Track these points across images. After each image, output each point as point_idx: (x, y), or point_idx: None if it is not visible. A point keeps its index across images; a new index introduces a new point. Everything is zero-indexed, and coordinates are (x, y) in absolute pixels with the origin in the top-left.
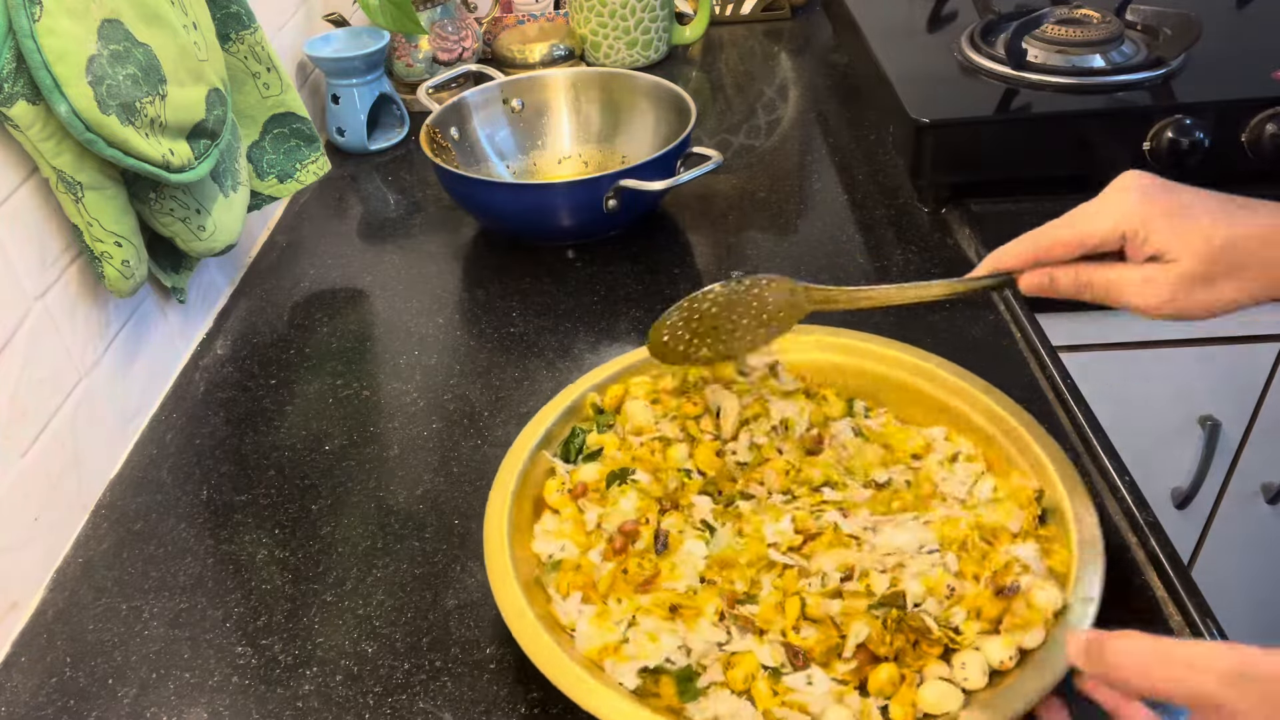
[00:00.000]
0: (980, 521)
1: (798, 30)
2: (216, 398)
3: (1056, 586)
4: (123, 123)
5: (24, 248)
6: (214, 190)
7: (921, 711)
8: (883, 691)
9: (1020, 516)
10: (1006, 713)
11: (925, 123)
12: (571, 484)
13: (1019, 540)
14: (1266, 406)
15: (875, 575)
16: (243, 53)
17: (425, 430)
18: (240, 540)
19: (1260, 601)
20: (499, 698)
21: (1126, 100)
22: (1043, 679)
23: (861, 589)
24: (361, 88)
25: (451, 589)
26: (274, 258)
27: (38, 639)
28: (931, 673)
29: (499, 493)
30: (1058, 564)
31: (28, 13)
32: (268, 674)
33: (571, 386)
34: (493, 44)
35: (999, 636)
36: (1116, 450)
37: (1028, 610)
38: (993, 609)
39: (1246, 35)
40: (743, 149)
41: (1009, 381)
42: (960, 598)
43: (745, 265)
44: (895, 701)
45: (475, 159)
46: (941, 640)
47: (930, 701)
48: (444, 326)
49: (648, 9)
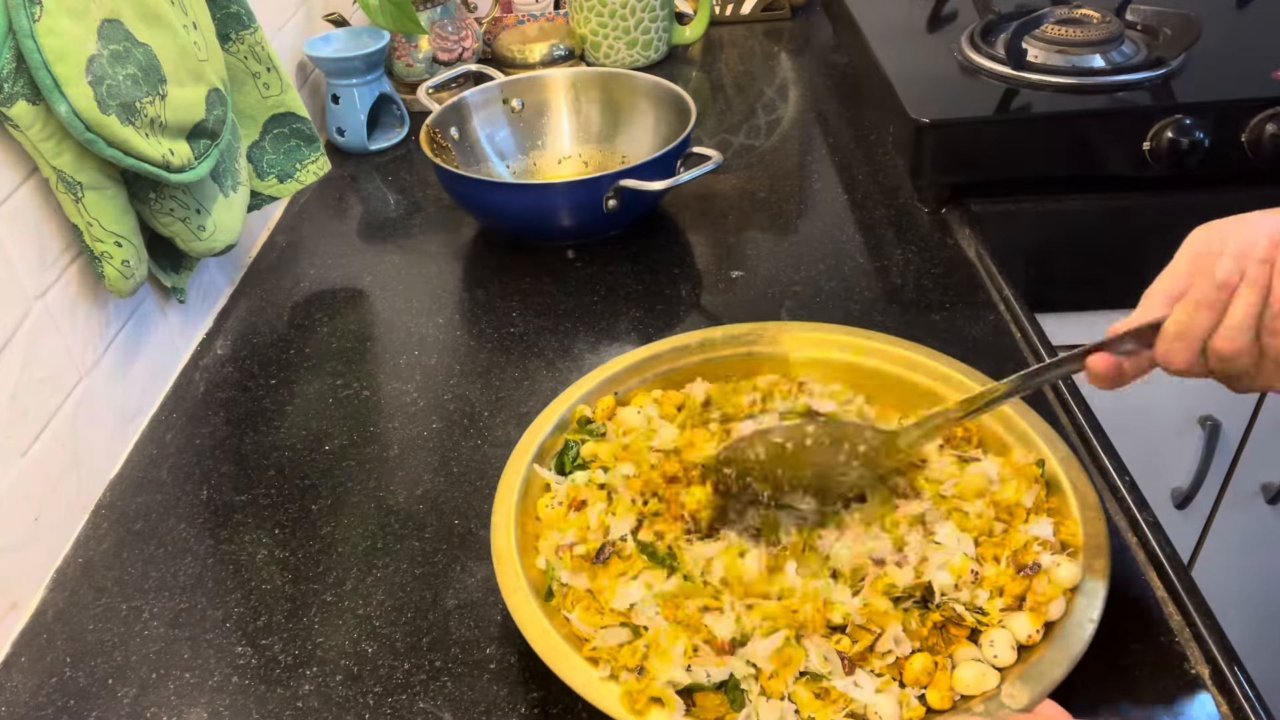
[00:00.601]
0: (996, 499)
1: (798, 30)
2: (216, 398)
3: (1073, 562)
4: (123, 123)
5: (24, 248)
6: (214, 190)
7: (958, 694)
8: (918, 681)
9: (1034, 491)
10: (1044, 683)
11: (925, 123)
12: (564, 498)
13: (1034, 516)
14: (1266, 406)
15: (893, 569)
16: (243, 53)
17: (425, 430)
18: (240, 540)
19: (1260, 601)
20: (499, 698)
21: (1126, 100)
22: (1069, 647)
23: (881, 586)
24: (361, 88)
25: (451, 589)
26: (274, 258)
27: (38, 639)
28: (962, 655)
29: (504, 499)
30: (1067, 535)
31: (28, 13)
32: (268, 674)
33: (574, 386)
34: (493, 44)
35: (1023, 613)
36: (1116, 450)
37: (1049, 586)
38: (1016, 587)
39: (1246, 35)
40: (743, 149)
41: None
42: (983, 579)
43: (745, 265)
44: (932, 689)
45: (475, 159)
46: (969, 624)
47: (967, 683)
48: (444, 326)
49: (648, 9)
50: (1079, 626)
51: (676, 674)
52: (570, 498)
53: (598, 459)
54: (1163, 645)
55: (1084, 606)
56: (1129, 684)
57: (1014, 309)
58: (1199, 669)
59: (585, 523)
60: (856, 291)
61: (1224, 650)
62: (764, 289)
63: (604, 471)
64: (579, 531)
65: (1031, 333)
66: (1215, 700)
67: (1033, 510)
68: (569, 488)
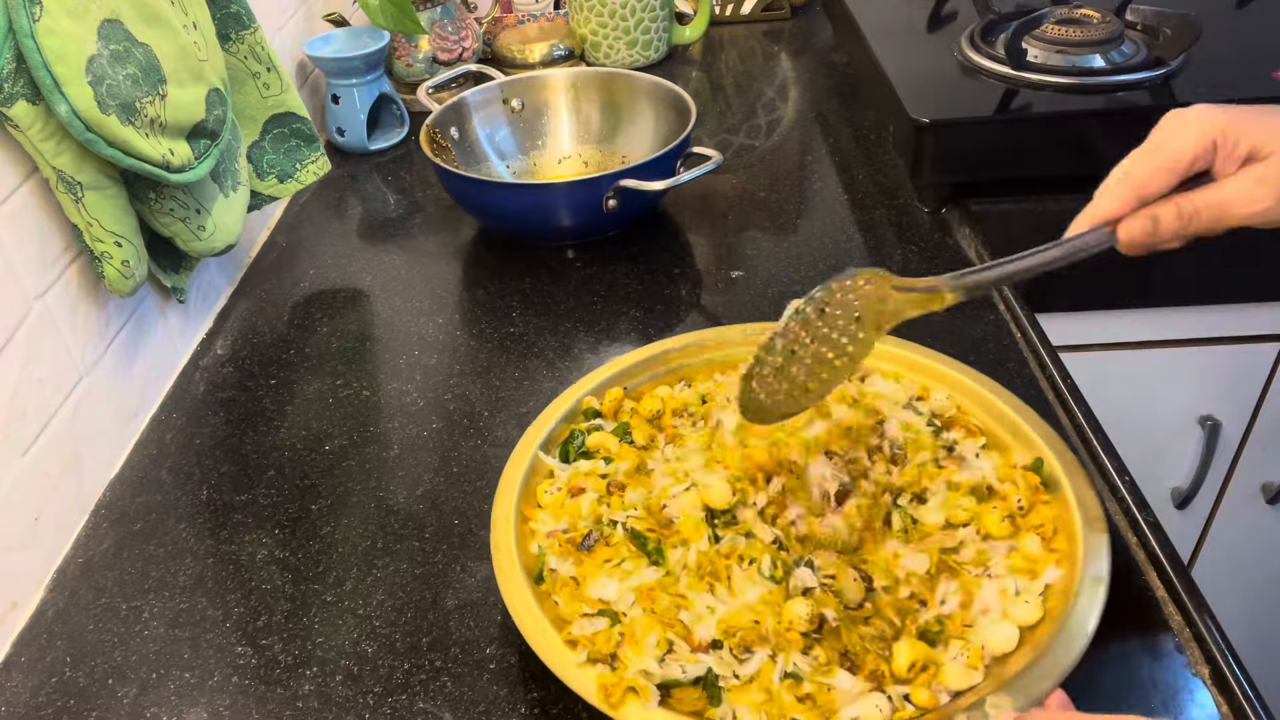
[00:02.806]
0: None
1: (798, 30)
2: (216, 398)
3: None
4: (123, 123)
5: (24, 248)
6: (214, 190)
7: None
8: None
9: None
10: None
11: (925, 123)
12: (564, 484)
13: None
14: (1266, 406)
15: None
16: (243, 53)
17: (425, 430)
18: (240, 540)
19: (1260, 601)
20: (499, 698)
21: (1126, 100)
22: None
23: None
24: (361, 88)
25: (451, 589)
26: (274, 258)
27: (38, 639)
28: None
29: (503, 499)
30: (1060, 544)
31: (28, 13)
32: (268, 674)
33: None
34: (493, 44)
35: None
36: (1116, 450)
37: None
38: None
39: (1246, 35)
40: (743, 149)
41: (1009, 381)
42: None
43: (745, 265)
44: (917, 686)
45: (475, 159)
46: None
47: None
48: (444, 326)
49: (648, 9)
50: (1071, 640)
51: (649, 665)
52: (570, 485)
53: (602, 449)
54: (1163, 645)
55: (1080, 619)
56: (1129, 683)
57: (1014, 309)
58: (1199, 669)
59: (578, 510)
60: None
61: (1224, 650)
62: (764, 289)
63: (606, 463)
64: (571, 518)
65: (1031, 333)
66: (1215, 700)
67: (1023, 519)
68: (571, 474)
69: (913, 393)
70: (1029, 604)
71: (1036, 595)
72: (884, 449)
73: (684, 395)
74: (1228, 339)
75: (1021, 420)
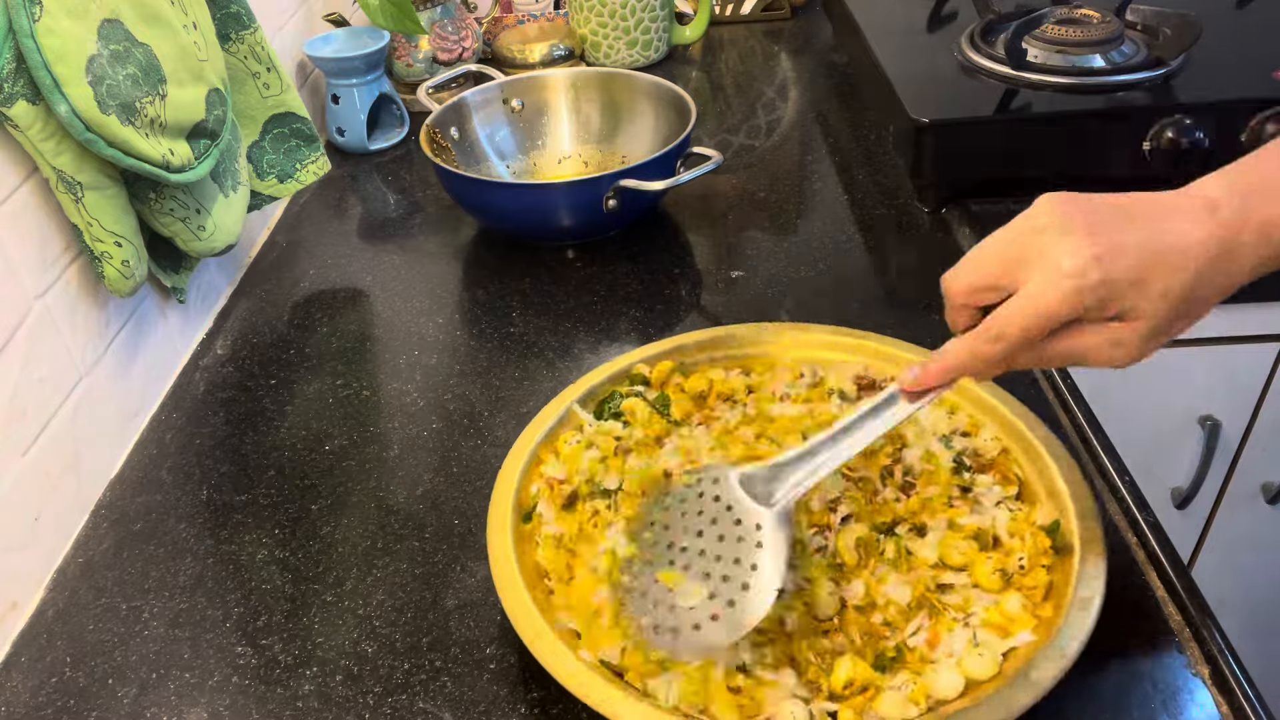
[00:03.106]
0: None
1: (798, 30)
2: (216, 398)
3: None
4: (123, 123)
5: (24, 248)
6: (214, 190)
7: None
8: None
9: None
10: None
11: (925, 123)
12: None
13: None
14: (1266, 406)
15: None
16: (243, 53)
17: (425, 430)
18: (240, 540)
19: (1260, 601)
20: (499, 698)
21: (1126, 100)
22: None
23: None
24: (361, 88)
25: (451, 589)
26: (274, 258)
27: (38, 639)
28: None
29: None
30: (1046, 611)
31: (28, 13)
32: (268, 674)
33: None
34: (493, 44)
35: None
36: (1116, 450)
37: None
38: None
39: (1246, 35)
40: (743, 149)
41: (1009, 381)
42: None
43: (745, 265)
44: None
45: (475, 159)
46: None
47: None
48: (444, 326)
49: (648, 9)
50: (1048, 661)
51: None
52: (588, 440)
53: (635, 414)
54: (1162, 645)
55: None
56: (1129, 683)
57: None
58: (1199, 669)
59: (578, 464)
60: (856, 291)
61: (1224, 650)
62: (764, 289)
63: (624, 426)
64: (570, 471)
65: None
66: (1215, 700)
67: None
68: (594, 431)
69: (959, 427)
70: (982, 658)
71: (998, 654)
72: (895, 475)
73: (733, 381)
74: (1227, 339)
75: (1058, 474)
